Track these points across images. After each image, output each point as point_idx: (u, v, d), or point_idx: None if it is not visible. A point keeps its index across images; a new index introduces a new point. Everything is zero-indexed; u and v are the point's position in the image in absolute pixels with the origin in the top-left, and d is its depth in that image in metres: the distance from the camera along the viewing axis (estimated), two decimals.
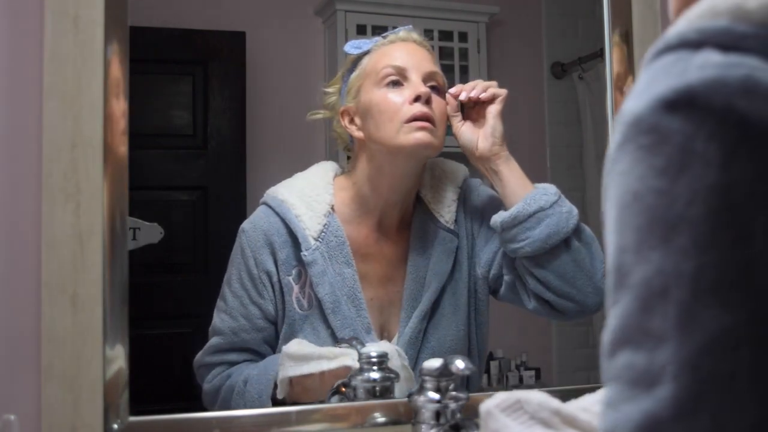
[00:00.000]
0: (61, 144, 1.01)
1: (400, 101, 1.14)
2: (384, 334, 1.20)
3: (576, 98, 1.65)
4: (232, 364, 1.18)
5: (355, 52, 1.19)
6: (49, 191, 1.01)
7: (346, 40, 1.30)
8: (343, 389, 1.17)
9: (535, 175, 1.64)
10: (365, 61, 1.19)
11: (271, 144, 1.47)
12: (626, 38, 1.32)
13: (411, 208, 1.24)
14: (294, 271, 1.16)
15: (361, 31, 1.55)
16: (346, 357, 1.10)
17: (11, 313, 1.03)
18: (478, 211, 1.25)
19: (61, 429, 0.99)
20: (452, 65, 1.63)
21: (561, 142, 1.67)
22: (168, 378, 1.30)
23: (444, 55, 1.63)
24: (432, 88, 1.16)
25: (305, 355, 1.10)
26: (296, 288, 1.16)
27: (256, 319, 1.17)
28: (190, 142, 1.41)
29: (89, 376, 1.01)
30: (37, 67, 1.02)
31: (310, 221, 1.16)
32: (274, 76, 1.49)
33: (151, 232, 1.27)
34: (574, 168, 1.66)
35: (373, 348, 1.15)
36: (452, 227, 1.23)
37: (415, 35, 1.21)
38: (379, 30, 1.57)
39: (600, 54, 1.35)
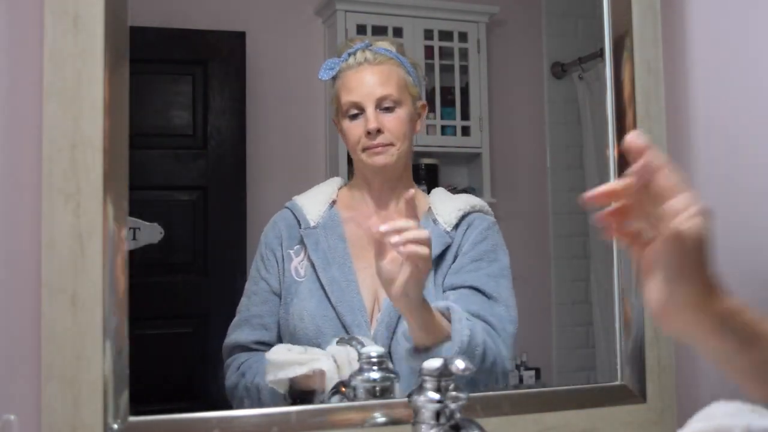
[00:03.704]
0: (61, 144, 1.01)
1: (358, 133, 1.31)
2: (376, 300, 1.29)
3: (576, 98, 1.65)
4: (244, 346, 1.28)
5: (327, 77, 1.34)
6: (49, 191, 1.01)
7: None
8: (343, 389, 1.17)
9: (535, 175, 1.64)
10: (336, 84, 1.34)
11: (272, 144, 1.47)
12: (626, 38, 1.32)
13: (414, 210, 1.30)
14: (296, 247, 1.32)
15: (361, 31, 1.55)
16: (316, 361, 1.18)
17: (11, 313, 1.03)
18: (476, 240, 1.33)
19: (61, 429, 0.99)
20: (452, 65, 1.63)
21: (561, 142, 1.67)
22: (168, 378, 1.30)
23: (444, 55, 1.63)
24: (385, 109, 1.31)
25: (282, 362, 1.20)
26: (295, 260, 1.32)
27: (263, 293, 1.31)
28: (190, 142, 1.41)
29: (89, 376, 1.01)
30: (37, 67, 1.02)
31: (312, 208, 1.34)
32: (274, 76, 1.49)
33: (151, 232, 1.27)
34: (574, 168, 1.66)
35: (373, 348, 1.16)
36: (449, 230, 1.33)
37: (368, 54, 1.33)
38: (378, 30, 1.58)
39: (600, 54, 1.35)
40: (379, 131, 1.30)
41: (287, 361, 1.20)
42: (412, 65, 1.37)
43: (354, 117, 1.31)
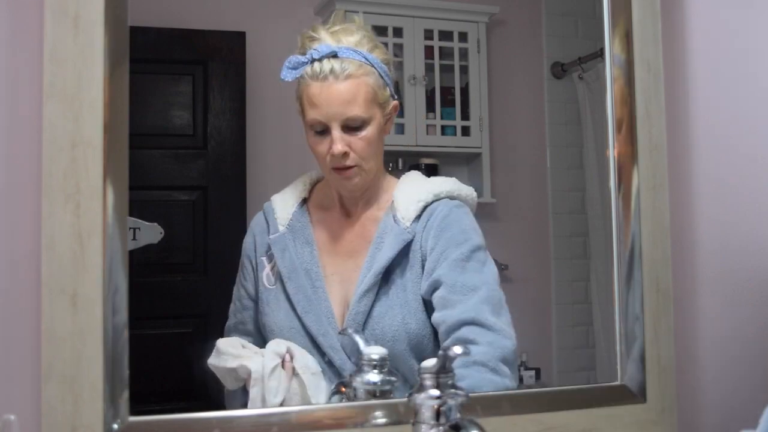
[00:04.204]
0: (61, 144, 1.01)
1: (324, 150, 1.26)
2: (345, 308, 1.27)
3: (576, 98, 1.65)
4: None
5: (290, 78, 1.27)
6: (49, 191, 1.01)
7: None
8: (344, 389, 1.17)
9: (535, 175, 1.64)
10: (300, 87, 1.27)
11: (271, 144, 1.47)
12: (626, 38, 1.32)
13: (381, 202, 1.33)
14: (268, 254, 1.32)
15: None
16: (247, 359, 1.20)
17: (11, 313, 1.03)
18: (438, 231, 1.28)
19: (61, 429, 0.99)
20: (452, 65, 1.63)
21: (561, 142, 1.67)
22: (168, 378, 1.30)
23: (444, 55, 1.63)
24: (352, 128, 1.25)
25: (222, 351, 1.23)
26: (267, 267, 1.31)
27: (243, 299, 1.32)
28: (190, 142, 1.41)
29: (89, 376, 1.01)
30: (37, 67, 1.02)
31: (281, 212, 1.32)
32: (274, 76, 1.49)
33: (151, 232, 1.27)
34: (574, 168, 1.66)
35: (374, 350, 1.16)
36: (407, 225, 1.28)
37: (335, 64, 1.24)
38: (378, 30, 1.58)
39: (600, 54, 1.35)
40: (345, 153, 1.25)
41: (226, 352, 1.22)
42: (382, 61, 1.29)
43: (320, 133, 1.26)
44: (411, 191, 1.31)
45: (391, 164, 1.53)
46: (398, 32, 1.58)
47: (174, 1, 1.42)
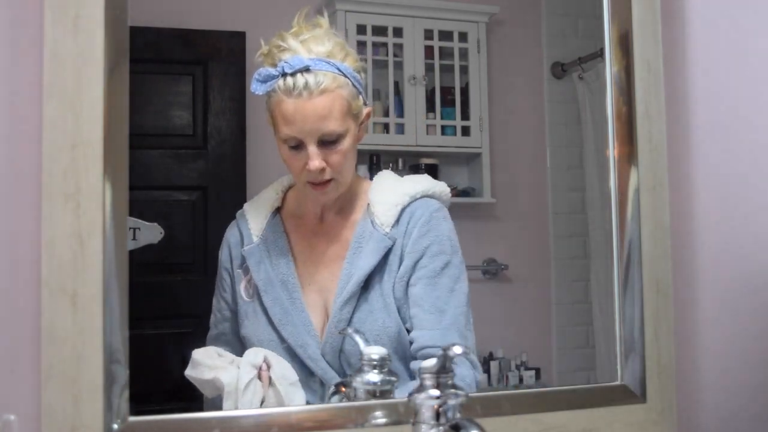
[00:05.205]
0: (61, 144, 1.01)
1: (300, 165, 1.24)
2: (324, 316, 1.27)
3: (576, 98, 1.65)
4: None
5: (261, 91, 1.22)
6: (49, 191, 1.01)
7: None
8: (344, 389, 1.17)
9: (535, 175, 1.64)
10: (272, 101, 1.23)
11: (271, 144, 1.47)
12: (626, 38, 1.32)
13: (355, 206, 1.31)
14: (244, 266, 1.30)
15: (361, 30, 1.55)
16: (222, 370, 1.19)
17: (11, 313, 1.03)
18: (417, 237, 1.27)
19: (61, 429, 0.99)
20: (452, 65, 1.63)
21: (561, 142, 1.67)
22: (168, 378, 1.30)
23: (444, 55, 1.64)
24: (327, 143, 1.22)
25: (198, 362, 1.22)
26: (244, 280, 1.30)
27: (224, 311, 1.32)
28: (190, 142, 1.41)
29: (89, 376, 1.01)
30: (37, 67, 1.02)
31: (254, 222, 1.31)
32: None
33: (151, 232, 1.27)
34: (574, 168, 1.66)
35: (374, 350, 1.16)
36: (387, 231, 1.27)
37: (310, 79, 1.20)
38: (378, 30, 1.58)
39: (600, 54, 1.35)
40: (322, 169, 1.23)
41: (202, 362, 1.21)
42: (355, 69, 1.26)
43: (294, 148, 1.23)
44: (387, 195, 1.30)
45: (391, 164, 1.53)
46: (398, 32, 1.59)
47: (174, 1, 1.42)
